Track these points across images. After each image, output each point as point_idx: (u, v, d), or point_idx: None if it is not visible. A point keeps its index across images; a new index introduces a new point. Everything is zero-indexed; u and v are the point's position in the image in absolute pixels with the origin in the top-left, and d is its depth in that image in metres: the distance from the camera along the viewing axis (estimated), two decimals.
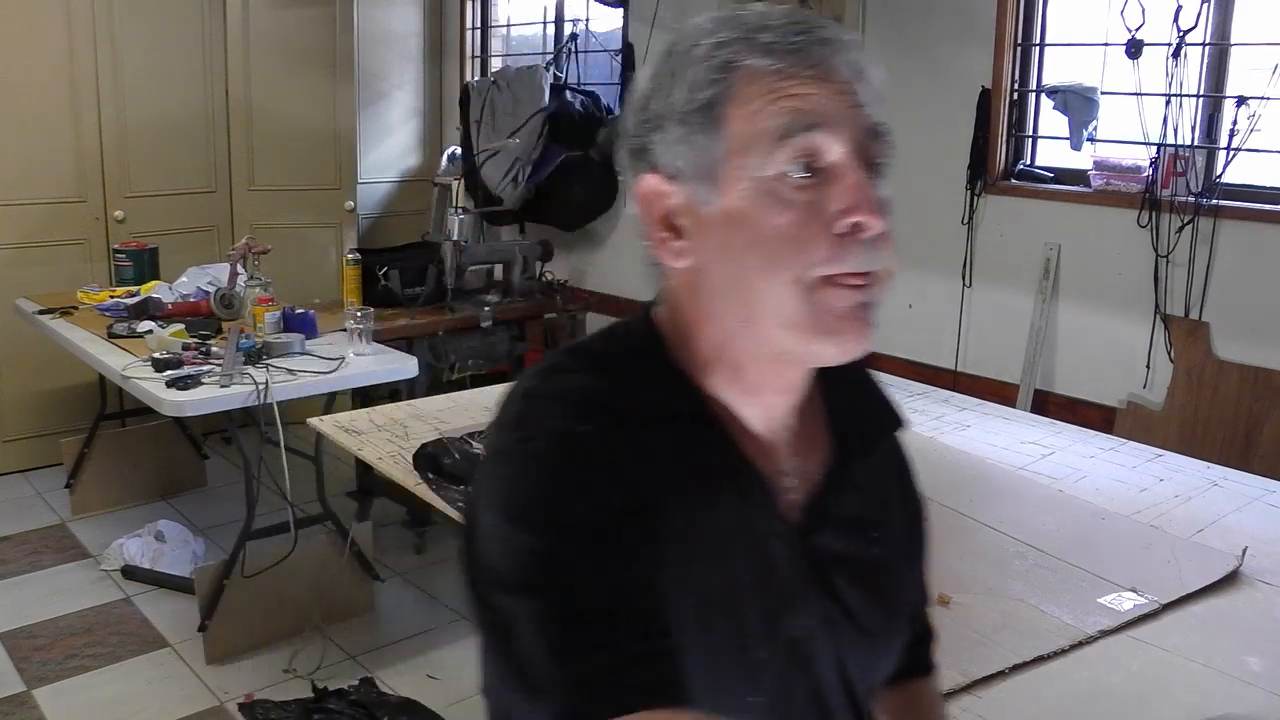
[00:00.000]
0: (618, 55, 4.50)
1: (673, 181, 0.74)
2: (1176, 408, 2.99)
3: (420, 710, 2.69)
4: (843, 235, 0.70)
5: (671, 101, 0.73)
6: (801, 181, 0.70)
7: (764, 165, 0.70)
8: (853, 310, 0.71)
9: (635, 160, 0.77)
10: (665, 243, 0.76)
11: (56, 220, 4.22)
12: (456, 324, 3.89)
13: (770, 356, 0.75)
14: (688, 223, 0.74)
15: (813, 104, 0.70)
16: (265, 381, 2.80)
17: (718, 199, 0.72)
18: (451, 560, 3.72)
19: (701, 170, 0.72)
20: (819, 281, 0.70)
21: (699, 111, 0.72)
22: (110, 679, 2.87)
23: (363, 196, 4.98)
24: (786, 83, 0.70)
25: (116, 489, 3.98)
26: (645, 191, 0.76)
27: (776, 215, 0.70)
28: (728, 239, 0.72)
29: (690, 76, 0.72)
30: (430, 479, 2.00)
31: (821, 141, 0.70)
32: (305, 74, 4.68)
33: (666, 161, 0.74)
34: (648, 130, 0.75)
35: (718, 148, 0.71)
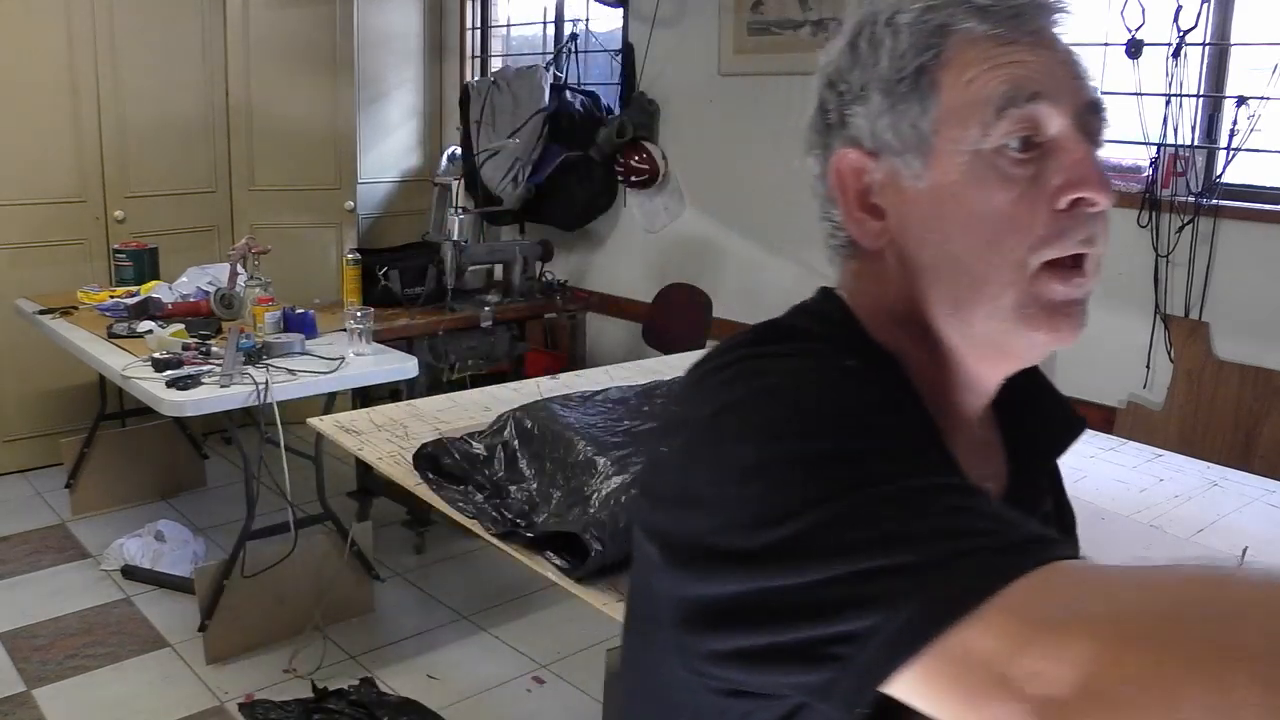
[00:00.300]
0: (618, 55, 4.50)
1: (874, 156, 0.69)
2: (1176, 408, 2.99)
3: (420, 710, 2.69)
4: (1062, 213, 0.65)
5: (876, 70, 0.68)
6: (1021, 155, 0.65)
7: (982, 138, 0.65)
8: (1064, 304, 0.66)
9: (828, 135, 0.72)
10: (862, 223, 0.71)
11: (56, 220, 4.22)
12: (456, 324, 3.89)
13: (976, 348, 0.70)
14: (889, 201, 0.70)
15: (1034, 72, 0.65)
16: (265, 381, 2.80)
17: (927, 174, 0.67)
18: (451, 560, 3.74)
19: (910, 143, 0.67)
20: (1039, 266, 0.65)
21: (909, 79, 0.67)
22: (110, 679, 2.87)
23: (363, 196, 4.98)
24: (1006, 49, 0.65)
25: (116, 489, 3.99)
26: (843, 167, 0.71)
27: (996, 192, 0.65)
28: (937, 218, 0.67)
29: (897, 43, 0.67)
30: (430, 479, 2.00)
31: (1044, 113, 0.65)
32: (305, 74, 4.68)
33: (868, 135, 0.69)
34: (846, 102, 0.70)
35: (929, 118, 0.66)
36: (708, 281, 4.14)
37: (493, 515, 1.83)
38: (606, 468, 1.82)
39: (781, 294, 3.92)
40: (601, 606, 1.60)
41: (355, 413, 2.53)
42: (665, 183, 4.38)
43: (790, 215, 3.92)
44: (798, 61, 3.80)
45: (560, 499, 1.83)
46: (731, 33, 4.02)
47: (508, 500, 1.89)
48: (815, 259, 0.82)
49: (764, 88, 3.95)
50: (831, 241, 0.76)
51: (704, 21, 4.11)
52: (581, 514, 1.73)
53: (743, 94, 4.03)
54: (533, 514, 1.82)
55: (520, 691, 2.88)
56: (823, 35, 3.71)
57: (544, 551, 1.72)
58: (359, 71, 4.84)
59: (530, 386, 2.70)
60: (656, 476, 0.67)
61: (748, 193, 4.08)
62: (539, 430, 2.00)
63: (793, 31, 3.80)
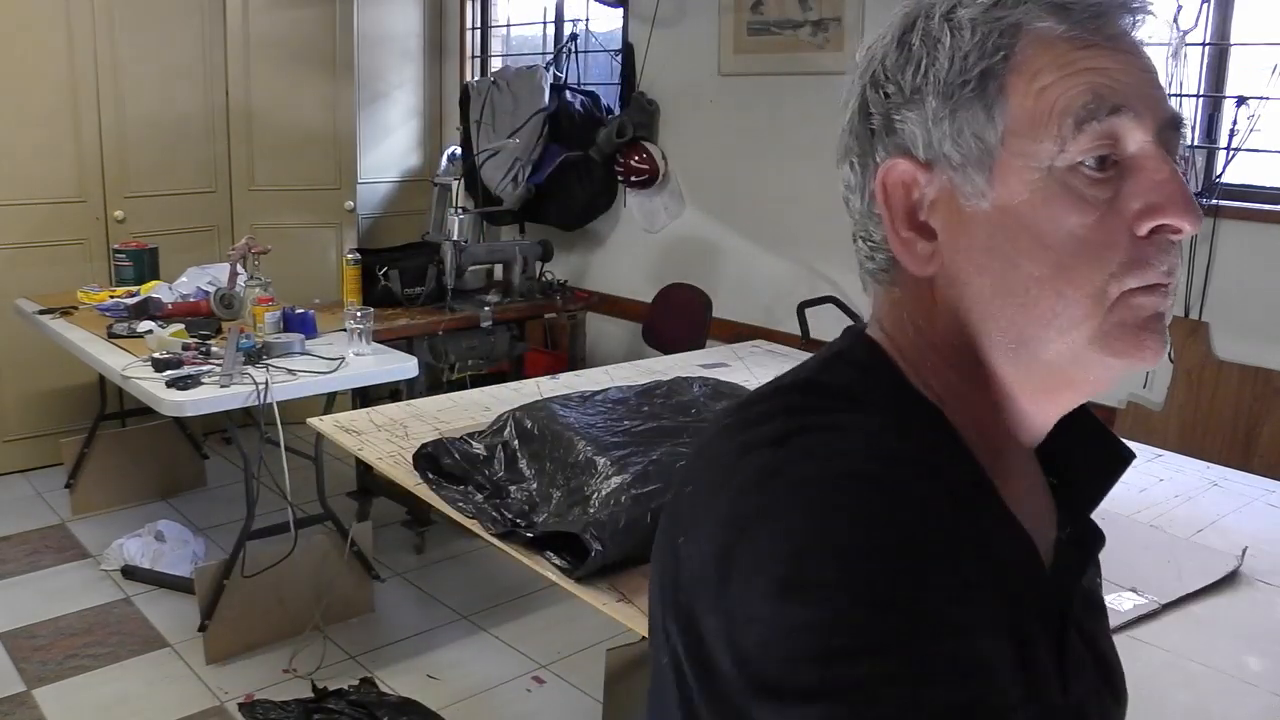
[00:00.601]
0: (618, 55, 4.50)
1: (927, 169, 0.61)
2: (1176, 408, 2.99)
3: (420, 710, 2.69)
4: (1143, 239, 0.58)
5: (933, 71, 0.60)
6: (1098, 175, 0.58)
7: (1058, 153, 0.57)
8: (1150, 320, 0.59)
9: (871, 142, 0.63)
10: (911, 244, 0.62)
11: (56, 220, 4.22)
12: (456, 324, 3.89)
13: (1037, 383, 0.62)
14: (942, 220, 0.61)
15: (1116, 81, 0.58)
16: (265, 381, 2.80)
17: (991, 192, 0.59)
18: (451, 560, 3.75)
19: (972, 155, 0.59)
20: (1119, 297, 0.58)
21: (973, 83, 0.59)
22: (110, 679, 2.87)
23: (363, 196, 4.98)
24: (1084, 53, 0.58)
25: (116, 489, 3.99)
26: (892, 179, 0.62)
27: (1070, 215, 0.57)
28: (1000, 241, 0.59)
29: (959, 41, 0.59)
30: (430, 479, 2.00)
31: (1126, 128, 0.58)
32: (305, 74, 4.68)
33: (921, 144, 0.61)
34: (894, 105, 0.61)
35: (994, 128, 0.59)
36: (708, 281, 4.14)
37: (493, 515, 1.83)
38: (606, 468, 1.82)
39: (781, 294, 3.93)
40: (601, 606, 1.60)
41: (355, 413, 2.53)
42: (665, 183, 4.38)
43: (790, 215, 3.92)
44: (798, 61, 3.80)
45: (560, 499, 1.83)
46: (731, 33, 4.02)
47: (508, 500, 1.89)
48: (815, 259, 0.80)
49: (764, 88, 3.95)
50: (868, 264, 0.67)
51: (704, 21, 4.11)
52: (581, 514, 1.73)
53: (743, 94, 4.04)
54: (533, 514, 1.83)
55: (520, 691, 2.88)
56: (822, 35, 3.71)
57: (544, 551, 1.72)
58: (359, 71, 4.84)
59: (530, 386, 2.70)
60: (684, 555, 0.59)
61: (747, 192, 4.08)
62: (539, 430, 2.00)
63: (793, 31, 3.80)
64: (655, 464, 1.83)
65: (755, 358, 3.10)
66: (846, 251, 0.69)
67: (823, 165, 3.34)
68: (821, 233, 3.80)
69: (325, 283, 4.48)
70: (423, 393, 3.31)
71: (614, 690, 2.21)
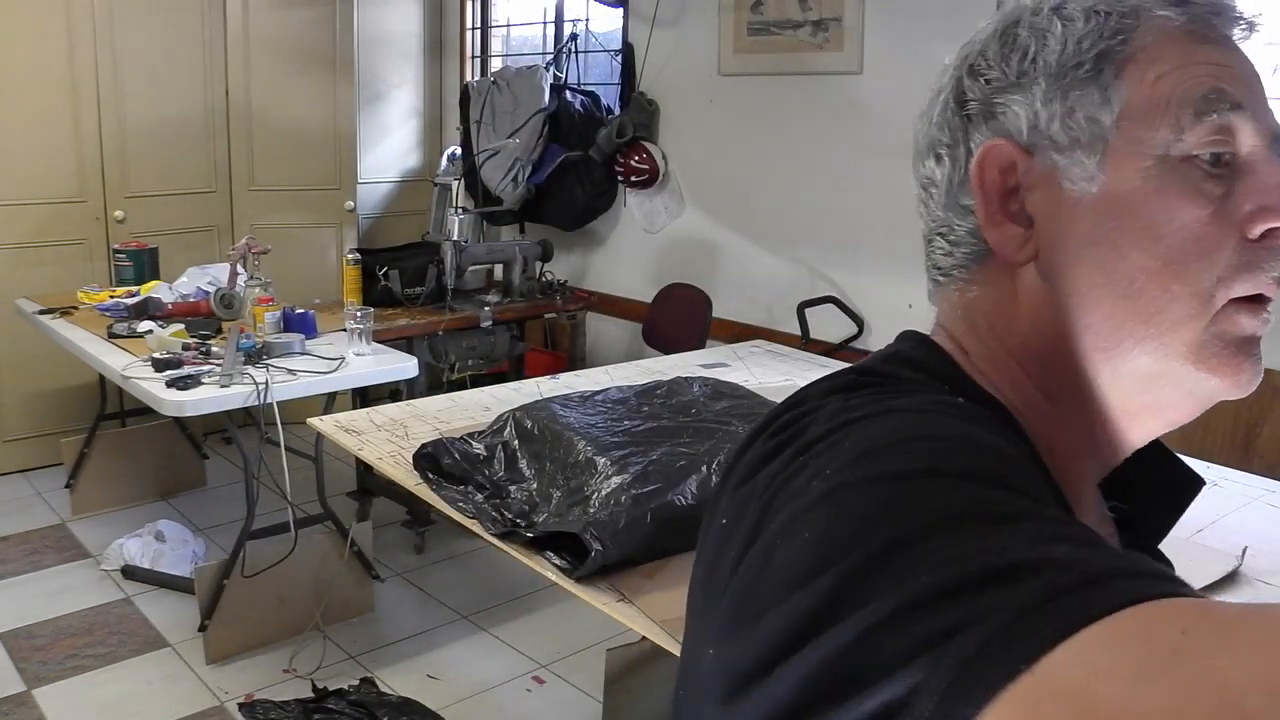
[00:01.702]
0: (618, 55, 4.50)
1: (1028, 154, 0.59)
2: None
3: (420, 710, 2.69)
4: (1254, 243, 0.56)
5: (1043, 54, 0.58)
6: (1213, 170, 0.56)
7: (1175, 141, 0.55)
8: (1247, 342, 0.57)
9: (966, 128, 0.61)
10: (1005, 228, 0.59)
11: (56, 220, 4.23)
12: (456, 324, 3.89)
13: (1123, 397, 0.59)
14: (1040, 206, 0.59)
15: (1235, 79, 0.56)
16: (265, 381, 2.80)
17: (1100, 176, 0.57)
18: (451, 560, 3.75)
19: (1082, 137, 0.57)
20: (1223, 306, 0.56)
21: (1088, 66, 0.57)
22: (110, 679, 2.87)
23: (363, 196, 4.98)
24: (1204, 48, 0.57)
25: (116, 489, 3.99)
26: (990, 160, 0.59)
27: (1184, 206, 0.55)
28: (1107, 229, 0.56)
29: (1072, 29, 0.58)
30: (430, 479, 2.01)
31: (1243, 127, 0.56)
32: (305, 74, 4.68)
33: (1024, 127, 0.58)
34: (997, 90, 0.59)
35: (1110, 110, 0.57)
36: (707, 281, 4.14)
37: (493, 515, 1.83)
38: (606, 468, 1.82)
39: (781, 294, 3.92)
40: (601, 606, 1.60)
41: (355, 413, 2.53)
42: (665, 183, 4.38)
43: (790, 215, 3.92)
44: (798, 61, 3.80)
45: (560, 499, 1.83)
46: (731, 33, 4.02)
47: (508, 500, 1.89)
48: (815, 259, 0.79)
49: (764, 88, 3.95)
50: (945, 262, 0.64)
51: (704, 21, 4.11)
52: (581, 514, 1.73)
53: (743, 94, 4.04)
54: (533, 514, 1.83)
55: (520, 691, 2.88)
56: (822, 35, 3.71)
57: (544, 551, 1.72)
58: (359, 71, 4.84)
59: (530, 386, 2.70)
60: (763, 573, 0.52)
61: (747, 192, 4.08)
62: (539, 430, 2.00)
63: (793, 31, 3.80)
64: (655, 464, 1.83)
65: (755, 358, 3.10)
66: (847, 251, 0.68)
67: (822, 165, 3.35)
68: (821, 233, 3.80)
69: (325, 283, 4.48)
70: (423, 393, 3.31)
71: (614, 690, 2.21)
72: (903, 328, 0.72)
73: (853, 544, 0.46)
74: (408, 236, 4.77)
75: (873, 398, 0.56)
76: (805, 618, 0.45)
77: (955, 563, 0.43)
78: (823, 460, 0.51)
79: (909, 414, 0.54)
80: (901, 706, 0.40)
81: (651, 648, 1.97)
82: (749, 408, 2.20)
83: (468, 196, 4.65)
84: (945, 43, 0.69)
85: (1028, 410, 0.60)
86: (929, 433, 0.51)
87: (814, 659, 0.44)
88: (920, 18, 3.42)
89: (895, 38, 3.50)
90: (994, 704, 0.37)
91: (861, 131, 3.64)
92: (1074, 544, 0.44)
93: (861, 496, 0.48)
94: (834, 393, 0.58)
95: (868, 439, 0.51)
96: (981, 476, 0.48)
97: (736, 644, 0.49)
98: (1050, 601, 0.39)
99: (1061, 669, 0.37)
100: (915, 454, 0.49)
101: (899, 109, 3.54)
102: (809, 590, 0.45)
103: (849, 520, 0.47)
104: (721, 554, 0.55)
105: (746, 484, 0.56)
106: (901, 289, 3.60)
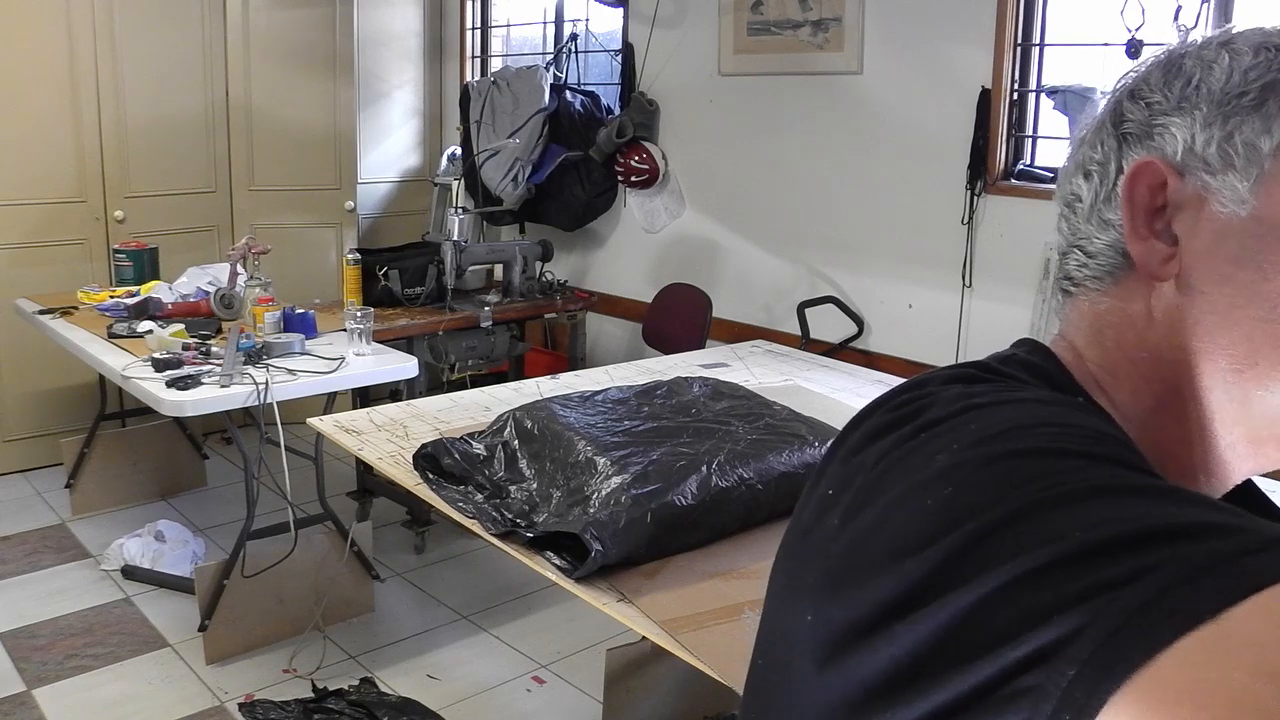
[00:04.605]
0: (618, 55, 4.50)
1: (1179, 176, 0.60)
2: None
3: (420, 710, 2.69)
4: None
5: (1207, 82, 0.60)
6: None
7: None
8: None
9: (1121, 148, 0.63)
10: (1151, 245, 0.60)
11: (56, 220, 4.23)
12: (456, 324, 3.89)
13: (1242, 427, 0.60)
14: (1188, 225, 0.60)
15: None
16: (265, 381, 2.80)
17: (1253, 199, 0.58)
18: (451, 560, 3.75)
19: (1238, 161, 0.58)
20: None
21: (1252, 94, 0.58)
22: (110, 679, 2.87)
23: (363, 196, 4.98)
24: None
25: (116, 489, 3.99)
26: (1145, 173, 0.60)
27: None
28: (1253, 252, 0.57)
29: (1241, 60, 0.59)
30: (430, 479, 2.01)
31: None
32: (305, 74, 4.68)
33: (1180, 149, 0.60)
34: (1158, 113, 0.61)
35: (1267, 140, 0.58)
36: (708, 281, 4.14)
37: (493, 515, 1.83)
38: (606, 468, 1.82)
39: (781, 294, 3.93)
40: (601, 606, 1.60)
41: (355, 413, 2.53)
42: (665, 183, 4.38)
43: (790, 215, 3.92)
44: (798, 61, 3.80)
45: (560, 499, 1.83)
46: (731, 33, 4.02)
47: (508, 500, 1.89)
48: (815, 259, 0.79)
49: (764, 88, 3.95)
50: (1079, 272, 0.65)
51: (704, 21, 4.11)
52: (581, 514, 1.73)
53: (743, 94, 4.04)
54: (533, 514, 1.83)
55: (520, 691, 2.88)
56: (822, 35, 3.71)
57: (544, 551, 1.72)
58: (359, 71, 4.84)
59: (530, 386, 2.70)
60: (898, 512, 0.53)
61: (747, 192, 4.08)
62: (539, 430, 2.00)
63: (793, 31, 3.80)
64: (655, 464, 1.83)
65: (755, 358, 3.10)
66: (847, 251, 0.67)
67: (823, 165, 3.35)
68: (821, 233, 3.80)
69: (325, 283, 4.48)
70: (423, 393, 3.31)
71: (614, 690, 2.21)
72: (902, 327, 0.72)
73: (982, 509, 0.47)
74: (408, 236, 4.77)
75: (994, 389, 0.59)
76: (925, 579, 0.46)
77: (1107, 524, 0.44)
78: (946, 439, 0.53)
79: (1032, 403, 0.56)
80: (1050, 654, 0.41)
81: (651, 648, 1.97)
82: (749, 408, 2.20)
83: (468, 196, 4.65)
84: (945, 43, 0.70)
85: (1139, 422, 0.61)
86: (1054, 420, 0.53)
87: (944, 616, 0.45)
88: (920, 18, 3.42)
89: (895, 38, 3.50)
90: (1168, 651, 0.39)
91: (861, 131, 3.64)
92: (1223, 512, 0.45)
93: (989, 470, 0.50)
94: (954, 381, 0.60)
95: (992, 423, 0.53)
96: (1111, 458, 0.50)
97: (840, 604, 0.51)
98: (1225, 562, 0.41)
99: (1244, 622, 0.38)
100: (1041, 436, 0.51)
101: (899, 109, 3.54)
102: (929, 553, 0.47)
103: (976, 489, 0.48)
104: (821, 521, 0.57)
105: (858, 455, 0.58)
106: (901, 289, 3.61)
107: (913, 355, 3.53)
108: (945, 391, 0.59)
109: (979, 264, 3.41)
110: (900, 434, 0.56)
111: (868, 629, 0.48)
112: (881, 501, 0.53)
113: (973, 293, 3.43)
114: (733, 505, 1.81)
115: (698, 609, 1.59)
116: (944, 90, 3.39)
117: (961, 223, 3.41)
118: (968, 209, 3.39)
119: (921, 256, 3.50)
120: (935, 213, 3.45)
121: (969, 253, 3.42)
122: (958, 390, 0.58)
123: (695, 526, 1.78)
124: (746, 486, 1.84)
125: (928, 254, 3.48)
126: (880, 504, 0.52)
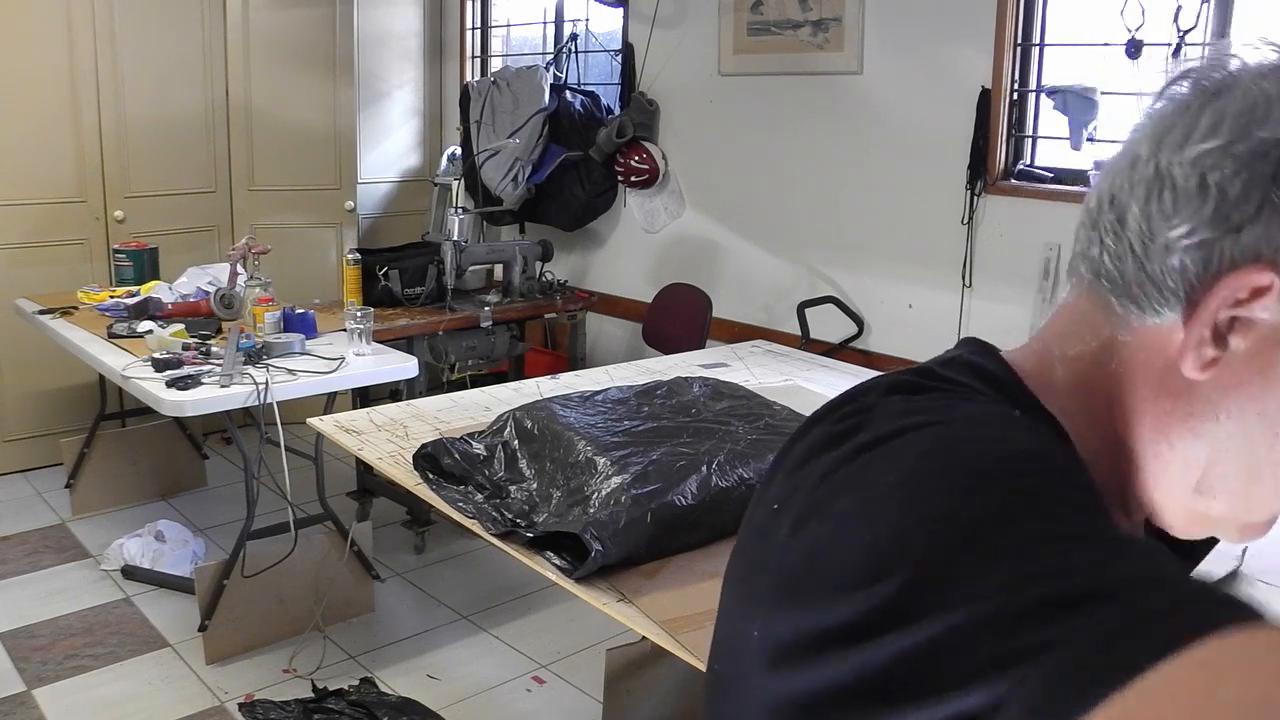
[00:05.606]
0: (618, 55, 4.50)
1: None
2: None
3: (420, 710, 2.69)
4: None
5: None
6: None
7: None
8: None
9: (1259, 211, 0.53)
10: (1203, 345, 0.55)
11: (56, 220, 4.23)
12: (456, 324, 3.89)
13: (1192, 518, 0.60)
14: (1252, 342, 0.54)
15: None
16: (265, 381, 2.80)
17: None
18: (451, 560, 3.74)
19: None
20: None
21: None
22: (110, 679, 2.87)
23: (363, 196, 4.98)
24: None
25: (116, 489, 3.99)
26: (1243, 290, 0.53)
27: None
28: None
29: None
30: (430, 479, 2.01)
31: None
32: (305, 74, 4.68)
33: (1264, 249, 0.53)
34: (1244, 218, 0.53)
35: None
36: (708, 281, 4.14)
37: (493, 515, 1.83)
38: (606, 468, 1.82)
39: (781, 294, 3.92)
40: (601, 606, 1.60)
41: (355, 413, 2.53)
42: (665, 183, 4.38)
43: (790, 215, 3.92)
44: (798, 61, 3.80)
45: (560, 499, 1.83)
46: (731, 33, 4.02)
47: (508, 500, 1.89)
48: (815, 259, 0.78)
49: (764, 88, 3.95)
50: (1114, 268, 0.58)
51: (704, 21, 4.11)
52: (581, 514, 1.73)
53: (743, 94, 4.04)
54: (533, 514, 1.83)
55: (520, 691, 2.88)
56: (822, 35, 3.71)
57: (544, 551, 1.72)
58: (359, 71, 4.84)
59: (530, 386, 2.71)
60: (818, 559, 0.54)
61: (747, 192, 4.08)
62: (539, 430, 2.00)
63: (792, 31, 3.80)
64: (655, 464, 1.83)
65: (755, 358, 3.10)
66: (847, 251, 0.66)
67: (822, 165, 3.36)
68: (821, 233, 3.80)
69: (325, 283, 4.48)
70: (423, 393, 3.31)
71: (614, 690, 2.21)
72: (902, 327, 0.71)
73: (913, 550, 0.48)
74: (408, 236, 4.77)
75: (934, 401, 0.58)
76: (863, 616, 0.47)
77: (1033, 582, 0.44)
78: (880, 467, 0.53)
79: (965, 423, 0.56)
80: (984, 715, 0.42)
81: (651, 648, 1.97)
82: (749, 408, 2.20)
83: (468, 196, 4.65)
84: (945, 43, 0.69)
85: (1089, 443, 0.59)
86: (989, 439, 0.53)
87: (882, 653, 0.46)
88: (920, 18, 3.42)
89: (895, 38, 3.50)
90: None
91: (861, 131, 3.64)
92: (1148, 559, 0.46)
93: (921, 507, 0.50)
94: (896, 390, 0.59)
95: (927, 451, 0.53)
96: (1040, 490, 0.49)
97: (784, 621, 0.52)
98: (1143, 624, 0.40)
99: (1157, 689, 0.38)
100: (976, 465, 0.51)
101: (899, 109, 3.54)
102: (872, 589, 0.47)
103: (909, 532, 0.49)
104: (769, 532, 0.57)
105: (802, 468, 0.58)
106: (901, 289, 3.61)
107: (913, 355, 3.53)
108: (886, 404, 0.58)
109: (979, 264, 3.41)
110: (840, 453, 0.56)
111: (809, 648, 0.49)
112: (824, 528, 0.53)
113: (973, 293, 3.43)
114: (733, 505, 1.81)
115: (698, 609, 1.59)
116: (944, 90, 3.39)
117: (961, 223, 3.41)
118: (968, 209, 3.39)
119: (921, 256, 3.50)
120: (935, 213, 3.45)
121: (969, 253, 3.42)
122: (898, 403, 0.57)
123: (695, 526, 1.78)
124: (746, 486, 1.84)
125: (928, 254, 3.48)
126: (825, 529, 0.53)
